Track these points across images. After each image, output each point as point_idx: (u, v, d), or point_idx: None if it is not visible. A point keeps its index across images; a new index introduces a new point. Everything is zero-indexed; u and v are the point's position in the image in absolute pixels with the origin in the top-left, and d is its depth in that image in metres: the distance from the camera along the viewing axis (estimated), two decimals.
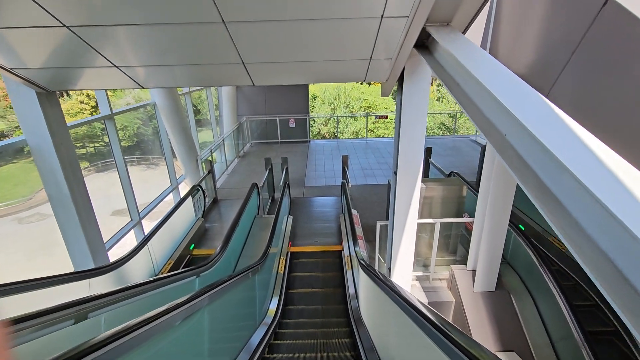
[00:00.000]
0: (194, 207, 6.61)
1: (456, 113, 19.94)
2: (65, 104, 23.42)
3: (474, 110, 2.06)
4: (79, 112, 22.46)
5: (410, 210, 4.06)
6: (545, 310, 4.12)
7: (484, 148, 8.65)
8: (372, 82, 33.57)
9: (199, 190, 6.88)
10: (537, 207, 1.40)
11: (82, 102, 22.95)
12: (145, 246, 4.68)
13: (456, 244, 5.38)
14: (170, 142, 7.94)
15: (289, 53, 2.83)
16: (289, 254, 6.09)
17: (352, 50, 2.84)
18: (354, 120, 24.82)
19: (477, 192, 6.01)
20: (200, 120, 15.50)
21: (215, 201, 8.25)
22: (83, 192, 4.18)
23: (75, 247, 4.22)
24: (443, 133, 22.30)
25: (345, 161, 8.39)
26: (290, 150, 13.20)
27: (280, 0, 2.17)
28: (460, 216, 5.36)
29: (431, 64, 2.74)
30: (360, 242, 5.18)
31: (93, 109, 23.37)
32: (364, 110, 24.00)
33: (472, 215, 5.99)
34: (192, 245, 6.10)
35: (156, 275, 4.86)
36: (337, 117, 19.69)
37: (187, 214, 6.26)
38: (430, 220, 4.72)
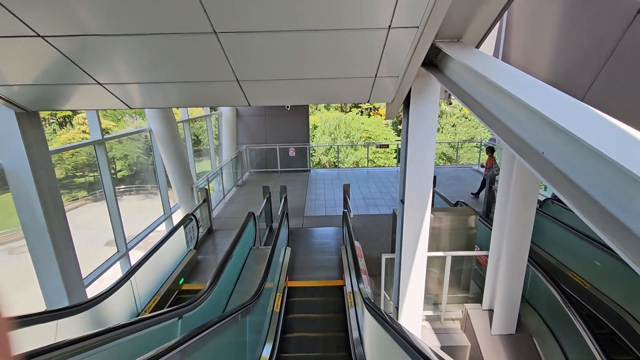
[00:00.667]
0: (186, 237, 6.21)
1: (457, 143, 19.94)
2: (68, 133, 23.54)
3: (501, 128, 1.78)
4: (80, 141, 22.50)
5: (419, 242, 3.70)
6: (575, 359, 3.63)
7: (490, 177, 8.39)
8: (372, 113, 34.00)
9: (192, 219, 6.51)
10: (606, 240, 1.07)
11: (84, 131, 23.05)
12: (128, 281, 4.26)
13: (468, 279, 4.94)
14: (165, 170, 7.68)
15: (287, 69, 2.61)
16: (287, 289, 5.62)
17: (355, 67, 2.62)
18: (354, 150, 24.79)
19: (488, 223, 5.66)
20: (200, 151, 15.39)
21: (209, 231, 7.85)
22: (62, 221, 3.84)
23: (48, 282, 3.81)
24: (444, 163, 22.18)
25: (346, 190, 8.08)
26: (290, 179, 12.94)
27: (276, 8, 1.96)
28: (471, 249, 4.97)
29: (443, 82, 2.50)
30: (364, 277, 4.75)
31: None
32: (364, 141, 24.10)
33: (482, 248, 5.59)
34: (182, 280, 5.65)
35: (138, 314, 4.40)
36: (338, 146, 19.63)
37: (178, 245, 5.86)
38: (440, 254, 4.34)
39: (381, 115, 33.46)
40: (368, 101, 3.21)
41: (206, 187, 8.08)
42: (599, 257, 4.81)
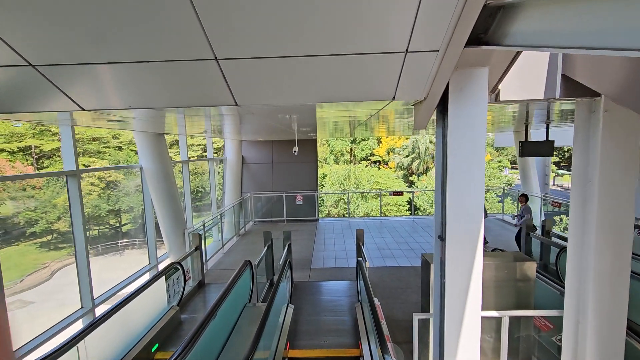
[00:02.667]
0: (168, 291, 5.15)
1: None
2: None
3: None
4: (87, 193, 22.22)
5: (469, 295, 2.64)
6: None
7: (521, 223, 7.29)
8: (381, 166, 33.66)
9: (178, 269, 5.49)
10: None
11: (92, 183, 22.85)
12: (74, 348, 3.19)
13: (529, 351, 3.70)
14: (154, 214, 6.85)
15: (282, 37, 1.86)
16: None
17: (379, 30, 1.85)
18: (365, 201, 23.93)
19: (548, 278, 4.52)
20: (203, 206, 14.63)
21: (200, 285, 6.73)
22: None
23: None
24: None
25: (359, 236, 7.03)
26: (297, 228, 11.94)
27: None
28: (528, 308, 3.80)
29: (515, 44, 1.72)
30: (389, 346, 3.57)
31: (102, 191, 23.18)
32: (375, 190, 23.38)
33: (541, 307, 4.39)
34: (156, 346, 4.48)
35: None
36: (348, 193, 18.78)
37: (155, 301, 4.78)
38: (494, 314, 3.21)
39: (391, 168, 33.12)
40: (393, 98, 2.42)
41: (200, 232, 7.14)
42: None
